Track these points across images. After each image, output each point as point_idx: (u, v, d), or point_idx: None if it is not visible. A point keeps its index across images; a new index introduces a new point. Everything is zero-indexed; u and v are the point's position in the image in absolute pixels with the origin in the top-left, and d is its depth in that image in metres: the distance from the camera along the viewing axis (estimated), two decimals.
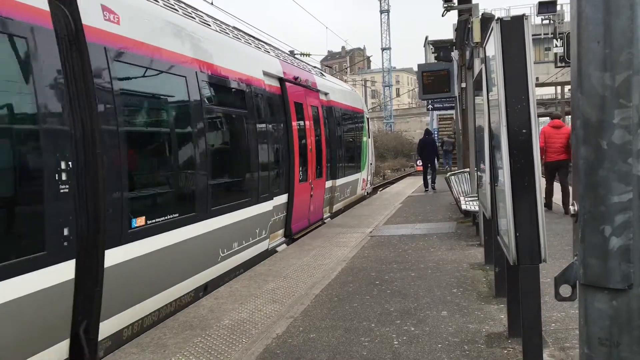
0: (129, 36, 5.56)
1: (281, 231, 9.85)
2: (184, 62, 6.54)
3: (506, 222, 3.80)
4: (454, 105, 19.64)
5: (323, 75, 15.07)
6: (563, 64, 29.84)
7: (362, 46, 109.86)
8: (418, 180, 23.92)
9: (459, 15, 11.13)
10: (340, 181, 13.94)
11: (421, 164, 19.57)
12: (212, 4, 14.55)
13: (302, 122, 10.96)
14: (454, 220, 11.38)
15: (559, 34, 34.03)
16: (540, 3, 40.31)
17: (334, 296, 6.17)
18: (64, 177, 4.39)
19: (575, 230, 1.87)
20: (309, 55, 26.79)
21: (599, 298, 1.77)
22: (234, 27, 9.92)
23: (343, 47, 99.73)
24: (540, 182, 3.66)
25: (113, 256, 4.93)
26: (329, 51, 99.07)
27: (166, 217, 5.85)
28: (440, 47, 15.55)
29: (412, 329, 4.99)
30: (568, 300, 1.95)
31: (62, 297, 4.37)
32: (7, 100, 4.15)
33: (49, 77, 4.40)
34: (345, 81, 23.67)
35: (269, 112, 9.28)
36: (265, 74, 9.33)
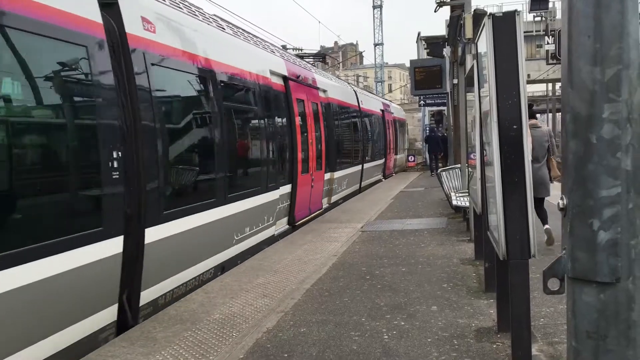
0: (367, 107, 19.78)
1: (381, 174, 22.45)
2: (373, 112, 21.52)
3: (496, 217, 3.81)
4: (445, 101, 19.70)
5: (391, 103, 31.59)
6: (554, 61, 29.94)
7: (355, 41, 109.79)
8: (409, 176, 24.09)
9: (452, 11, 11.14)
10: (398, 156, 27.32)
11: (427, 155, 28.43)
12: None
13: (389, 128, 23.97)
14: (444, 216, 11.42)
15: (551, 31, 34.11)
16: (532, 0, 40.37)
17: (324, 291, 6.17)
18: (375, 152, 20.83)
19: (563, 224, 1.88)
20: (301, 50, 26.73)
21: (587, 291, 1.78)
22: (365, 87, 37.23)
23: (336, 42, 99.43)
24: (531, 178, 3.67)
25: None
26: (321, 46, 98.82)
27: (348, 163, 16.21)
28: (432, 43, 15.57)
29: (402, 323, 5.01)
30: (556, 293, 1.96)
31: (358, 177, 17.47)
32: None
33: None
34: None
35: (379, 125, 22.13)
36: (380, 109, 22.78)
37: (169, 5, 6.87)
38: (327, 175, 13.13)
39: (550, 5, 40.48)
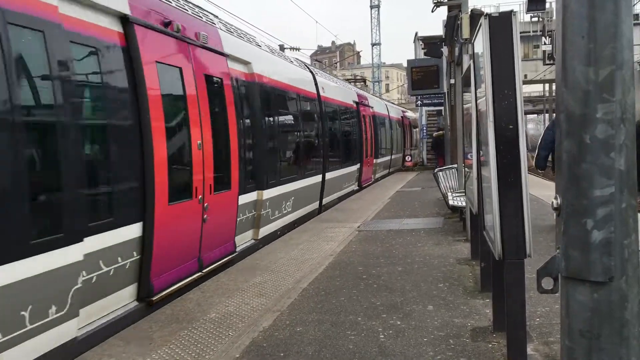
0: (393, 115, 28.36)
1: (401, 164, 28.90)
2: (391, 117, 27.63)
3: (492, 217, 3.82)
4: (442, 101, 19.73)
5: (407, 110, 38.58)
6: (551, 62, 30.01)
7: (352, 41, 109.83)
8: (406, 176, 24.11)
9: (449, 11, 11.15)
10: (411, 152, 32.89)
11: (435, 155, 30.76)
12: None
13: (406, 130, 31.24)
14: (441, 216, 11.43)
15: (548, 31, 34.17)
16: (529, 0, 40.36)
17: (321, 290, 6.18)
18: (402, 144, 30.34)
19: (557, 223, 1.89)
20: (298, 49, 26.73)
21: (581, 290, 1.79)
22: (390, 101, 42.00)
23: (333, 42, 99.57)
24: (527, 178, 3.68)
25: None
26: (318, 46, 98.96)
27: (383, 154, 23.89)
28: (429, 43, 15.59)
29: (398, 322, 5.02)
30: (550, 292, 1.96)
31: (388, 164, 25.70)
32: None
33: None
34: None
35: (400, 128, 29.46)
36: (400, 116, 30.43)
37: (322, 75, 15.73)
38: (374, 161, 20.81)
39: (548, 5, 40.47)
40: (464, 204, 8.92)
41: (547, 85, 38.76)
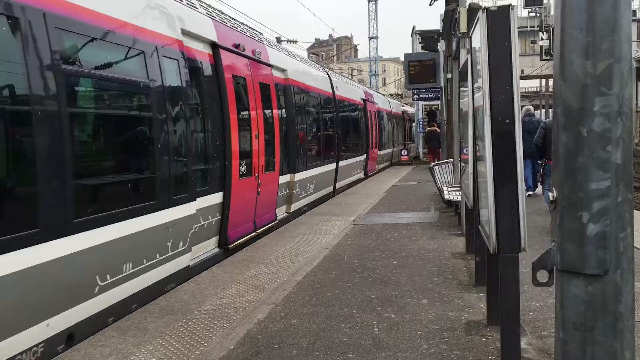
0: (408, 115, 38.11)
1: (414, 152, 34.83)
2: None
3: (487, 211, 3.83)
4: (439, 95, 19.73)
5: (399, 100, 45.21)
6: (548, 57, 30.02)
7: (350, 34, 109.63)
8: (402, 170, 24.13)
9: (446, 4, 11.12)
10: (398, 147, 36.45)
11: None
12: None
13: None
14: (436, 210, 11.45)
15: (545, 26, 34.18)
16: None
17: (316, 283, 6.19)
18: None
19: (553, 216, 1.89)
20: (295, 42, 26.67)
21: (575, 283, 1.79)
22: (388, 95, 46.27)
23: (330, 35, 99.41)
24: (522, 173, 3.68)
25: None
26: (316, 39, 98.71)
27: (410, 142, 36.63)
28: (427, 37, 15.57)
29: (393, 316, 5.03)
30: (545, 285, 1.97)
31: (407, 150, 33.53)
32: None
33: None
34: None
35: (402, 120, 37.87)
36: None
37: (391, 100, 32.64)
38: (399, 147, 30.17)
39: (545, 1, 40.49)
40: (459, 198, 8.94)
41: (543, 80, 38.75)
